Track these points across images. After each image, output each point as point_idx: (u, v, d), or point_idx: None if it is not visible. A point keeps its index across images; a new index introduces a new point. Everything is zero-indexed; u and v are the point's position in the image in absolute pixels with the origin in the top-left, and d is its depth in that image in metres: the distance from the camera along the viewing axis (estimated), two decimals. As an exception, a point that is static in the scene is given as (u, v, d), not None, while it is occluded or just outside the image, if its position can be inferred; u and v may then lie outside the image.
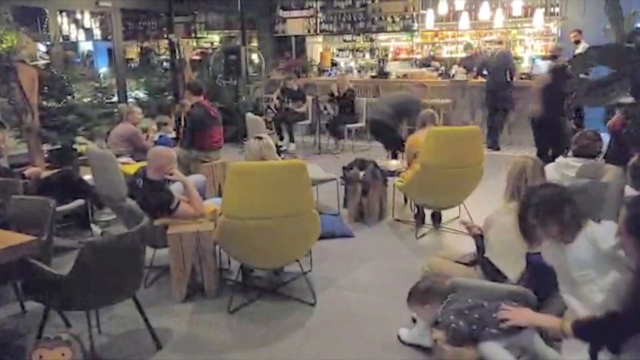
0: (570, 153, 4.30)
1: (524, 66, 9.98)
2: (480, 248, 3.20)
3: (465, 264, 3.36)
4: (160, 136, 6.67)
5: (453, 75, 9.67)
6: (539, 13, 9.59)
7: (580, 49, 8.45)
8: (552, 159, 4.92)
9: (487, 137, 8.72)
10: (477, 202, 5.27)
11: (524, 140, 9.23)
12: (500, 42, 9.65)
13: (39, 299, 3.20)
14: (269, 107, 10.09)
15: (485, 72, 9.12)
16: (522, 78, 9.28)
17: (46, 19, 8.05)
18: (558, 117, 6.79)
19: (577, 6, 9.69)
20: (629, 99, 5.17)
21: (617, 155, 4.28)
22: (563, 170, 4.02)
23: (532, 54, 10.36)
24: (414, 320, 3.35)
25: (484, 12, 9.74)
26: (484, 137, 7.88)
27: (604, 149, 4.77)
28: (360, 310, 3.83)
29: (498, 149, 8.90)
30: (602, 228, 2.41)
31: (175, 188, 4.21)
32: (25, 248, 2.98)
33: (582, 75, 6.15)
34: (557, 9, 9.89)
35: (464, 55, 10.37)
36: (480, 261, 3.15)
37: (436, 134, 5.00)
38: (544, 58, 9.66)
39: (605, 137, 4.95)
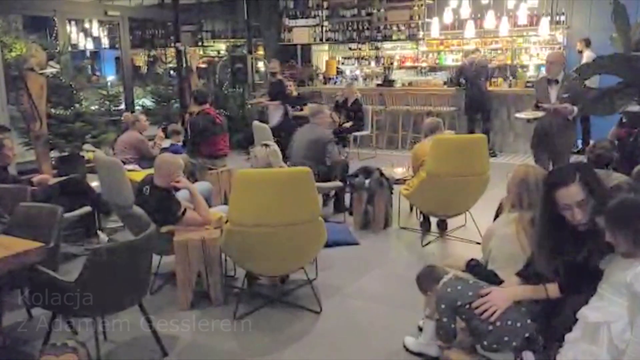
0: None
1: (530, 75, 10.00)
2: (478, 270, 3.11)
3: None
4: (172, 144, 6.71)
5: (459, 84, 9.69)
6: (545, 21, 9.58)
7: (584, 58, 8.46)
8: None
9: None
10: (482, 210, 5.26)
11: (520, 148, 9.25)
12: (477, 50, 9.74)
13: (46, 305, 3.22)
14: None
15: (462, 81, 9.42)
16: (527, 86, 9.29)
17: (55, 28, 8.12)
18: None
19: (582, 15, 9.70)
20: (636, 107, 5.17)
21: (622, 164, 4.25)
22: None
23: (537, 62, 10.36)
24: (420, 329, 3.34)
25: (490, 21, 9.73)
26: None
27: None
28: (365, 319, 3.83)
29: (494, 155, 8.94)
30: None
31: (181, 195, 4.23)
32: (33, 255, 3.00)
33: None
34: (562, 18, 9.89)
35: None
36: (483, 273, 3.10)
37: (442, 142, 5.00)
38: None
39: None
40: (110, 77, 10.65)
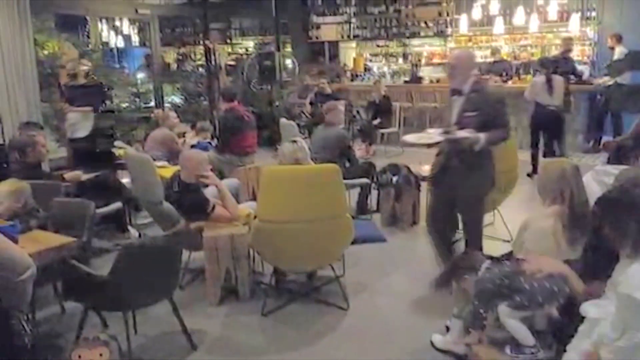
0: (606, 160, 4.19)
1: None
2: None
3: None
4: (199, 142, 6.78)
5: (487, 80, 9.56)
6: (575, 17, 9.40)
7: (616, 55, 8.27)
8: None
9: None
10: (511, 208, 5.20)
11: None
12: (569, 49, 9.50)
13: (79, 299, 3.28)
14: (302, 112, 10.14)
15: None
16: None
17: (87, 26, 8.27)
18: None
19: (614, 10, 9.46)
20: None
21: None
22: (602, 177, 3.92)
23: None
24: (447, 329, 3.32)
25: (519, 17, 9.58)
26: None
27: None
28: (392, 316, 3.82)
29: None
30: None
31: (209, 192, 4.27)
32: (66, 249, 3.08)
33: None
34: (593, 13, 9.68)
35: (491, 60, 10.34)
36: None
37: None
38: (580, 63, 9.49)
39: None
40: (140, 75, 10.76)
